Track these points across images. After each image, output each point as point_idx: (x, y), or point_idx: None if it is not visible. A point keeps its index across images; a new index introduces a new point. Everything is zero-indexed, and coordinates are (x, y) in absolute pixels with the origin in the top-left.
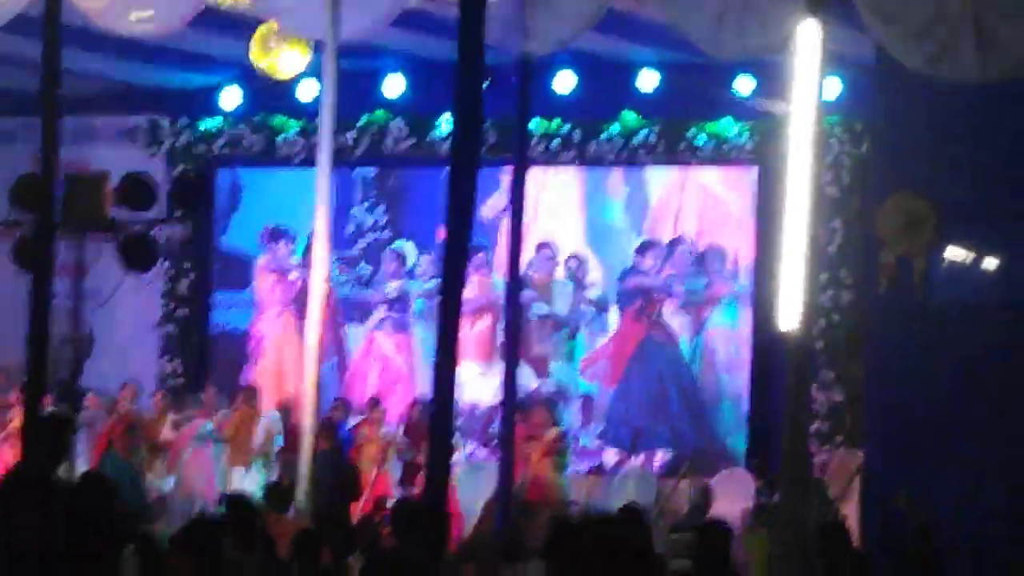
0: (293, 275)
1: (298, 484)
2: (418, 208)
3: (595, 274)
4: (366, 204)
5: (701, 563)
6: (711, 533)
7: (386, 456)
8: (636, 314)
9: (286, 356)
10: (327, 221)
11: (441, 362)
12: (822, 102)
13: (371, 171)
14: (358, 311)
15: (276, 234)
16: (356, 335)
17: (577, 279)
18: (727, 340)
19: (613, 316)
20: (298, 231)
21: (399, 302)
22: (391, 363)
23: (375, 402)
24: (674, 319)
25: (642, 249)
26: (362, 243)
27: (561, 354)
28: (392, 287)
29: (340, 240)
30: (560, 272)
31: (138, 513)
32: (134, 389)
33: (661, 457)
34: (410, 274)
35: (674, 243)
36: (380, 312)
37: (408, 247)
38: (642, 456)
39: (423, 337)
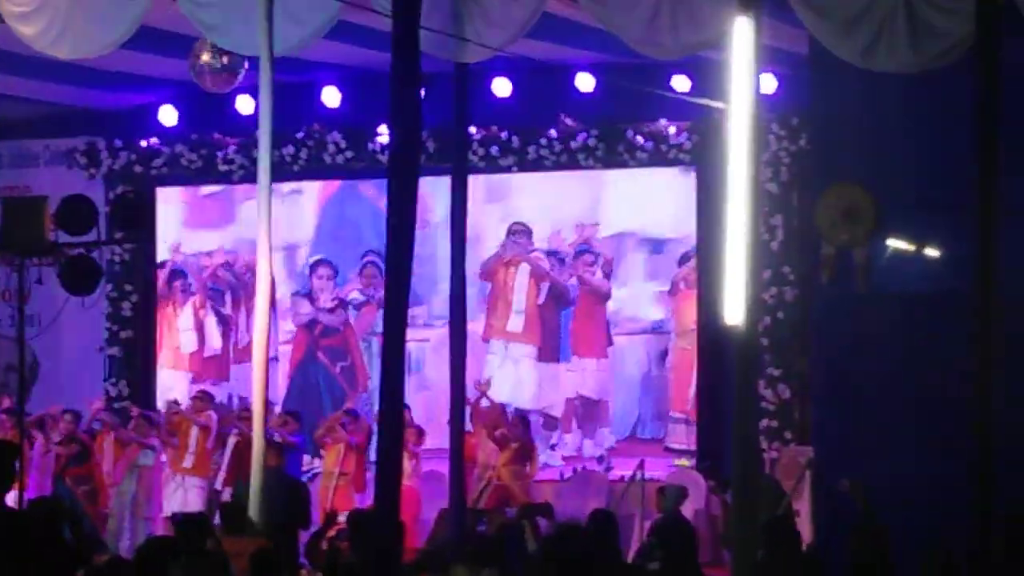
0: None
1: (248, 502)
2: None
3: None
4: None
5: (668, 562)
6: (674, 532)
7: (347, 467)
8: None
9: None
10: (266, 236)
11: (389, 372)
12: (758, 98)
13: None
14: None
15: None
16: None
17: None
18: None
19: None
20: None
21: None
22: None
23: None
24: None
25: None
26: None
27: None
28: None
29: None
30: None
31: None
32: (74, 415)
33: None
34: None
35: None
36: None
37: None
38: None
39: None
